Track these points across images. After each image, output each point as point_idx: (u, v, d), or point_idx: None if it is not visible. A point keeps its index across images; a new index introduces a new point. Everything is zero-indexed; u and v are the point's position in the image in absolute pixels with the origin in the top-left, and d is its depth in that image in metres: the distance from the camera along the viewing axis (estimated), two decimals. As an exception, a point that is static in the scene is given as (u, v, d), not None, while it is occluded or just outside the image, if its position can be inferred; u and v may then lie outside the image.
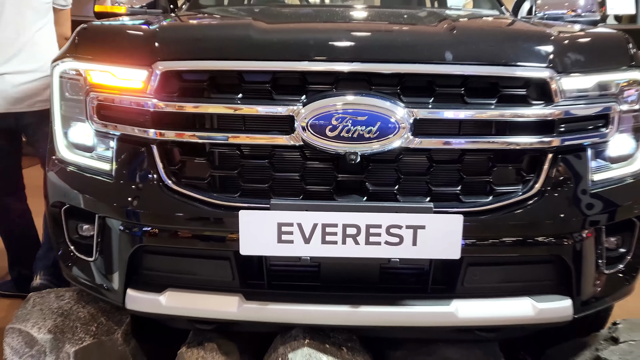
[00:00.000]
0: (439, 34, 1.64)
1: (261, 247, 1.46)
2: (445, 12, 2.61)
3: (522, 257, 1.59)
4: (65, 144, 1.73)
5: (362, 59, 1.50)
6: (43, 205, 1.86)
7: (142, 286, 1.63)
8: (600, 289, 1.67)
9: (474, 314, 1.56)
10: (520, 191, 1.54)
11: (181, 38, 1.68)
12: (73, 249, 1.75)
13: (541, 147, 1.52)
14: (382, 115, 1.44)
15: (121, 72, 1.58)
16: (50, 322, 1.75)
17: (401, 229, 1.44)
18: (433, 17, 2.15)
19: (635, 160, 1.71)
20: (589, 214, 1.58)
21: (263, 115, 1.49)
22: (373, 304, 1.57)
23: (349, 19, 2.05)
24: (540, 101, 1.52)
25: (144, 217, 1.56)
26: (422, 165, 1.53)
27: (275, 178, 1.53)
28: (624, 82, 1.65)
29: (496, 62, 1.52)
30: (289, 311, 1.58)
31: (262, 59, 1.51)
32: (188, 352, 1.75)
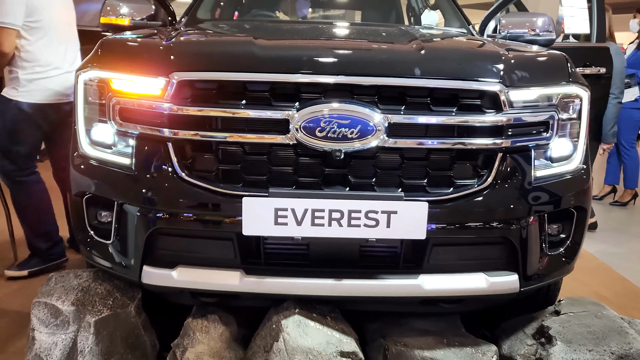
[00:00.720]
0: (410, 52, 1.95)
1: (260, 228, 1.75)
2: (417, 31, 2.93)
3: (477, 238, 1.90)
4: (87, 141, 1.99)
5: (346, 73, 1.79)
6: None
7: (156, 263, 1.89)
8: (543, 267, 1.99)
9: (437, 286, 1.86)
10: (475, 184, 1.85)
11: (194, 52, 1.96)
12: (92, 233, 2.01)
13: (492, 147, 1.84)
14: (362, 119, 1.74)
15: (141, 81, 1.85)
16: (72, 296, 2.00)
17: (377, 213, 1.74)
18: (405, 36, 2.46)
19: (573, 160, 2.04)
20: (532, 203, 1.90)
21: (263, 118, 1.78)
22: (354, 277, 1.86)
23: (335, 38, 2.35)
24: (492, 110, 1.84)
25: (161, 203, 1.83)
26: (395, 162, 1.83)
27: (273, 171, 1.81)
28: (563, 95, 1.98)
29: (456, 77, 1.84)
30: (282, 284, 1.87)
31: (262, 72, 1.80)
32: (193, 323, 2.02)
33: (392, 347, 1.97)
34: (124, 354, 2.02)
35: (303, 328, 1.87)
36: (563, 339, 1.94)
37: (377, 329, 2.12)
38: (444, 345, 1.98)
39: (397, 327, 2.11)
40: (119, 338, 2.01)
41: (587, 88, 2.04)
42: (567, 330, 1.99)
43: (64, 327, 1.95)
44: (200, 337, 1.99)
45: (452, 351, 1.95)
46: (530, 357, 2.00)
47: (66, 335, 1.94)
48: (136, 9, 3.02)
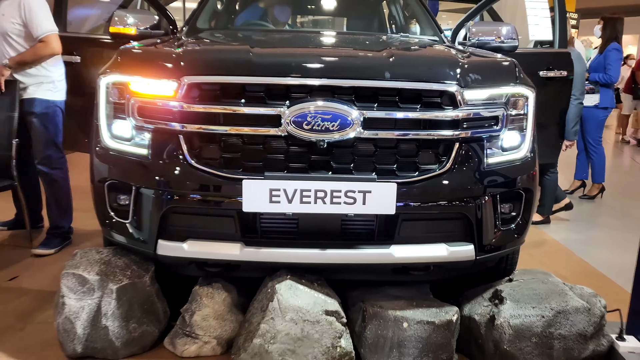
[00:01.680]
0: (381, 59, 2.30)
1: (258, 206, 2.10)
2: (393, 39, 3.30)
3: (439, 214, 2.25)
4: (109, 135, 2.33)
5: (328, 76, 2.14)
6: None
7: (169, 237, 2.23)
8: (496, 240, 2.35)
9: (406, 255, 2.22)
10: (437, 168, 2.20)
11: (201, 59, 2.30)
12: (113, 214, 2.35)
13: (450, 138, 2.20)
14: (341, 114, 2.09)
15: (156, 83, 2.20)
16: (96, 268, 2.34)
17: (355, 192, 2.09)
18: (380, 45, 2.81)
19: (521, 149, 2.40)
20: (485, 185, 2.26)
21: (259, 114, 2.13)
22: (336, 248, 2.22)
23: (319, 46, 2.69)
24: (450, 106, 2.20)
25: (173, 186, 2.17)
26: (370, 150, 2.18)
27: (267, 158, 2.16)
28: (511, 94, 2.35)
29: (420, 80, 2.20)
30: (276, 253, 2.22)
31: (258, 75, 2.15)
32: (200, 289, 2.37)
33: (369, 309, 2.32)
34: (141, 317, 2.36)
35: (294, 290, 2.22)
36: (512, 299, 2.31)
37: (357, 296, 2.47)
38: (413, 307, 2.33)
39: (374, 293, 2.45)
40: (136, 304, 2.35)
41: (533, 89, 2.42)
42: (517, 292, 2.36)
43: (89, 294, 2.28)
44: (206, 302, 2.34)
45: (420, 311, 2.31)
46: (486, 315, 2.36)
47: (92, 300, 2.28)
48: (141, 19, 3.37)
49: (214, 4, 3.79)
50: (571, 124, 4.39)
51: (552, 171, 4.52)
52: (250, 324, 2.26)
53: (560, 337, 2.21)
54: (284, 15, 4.06)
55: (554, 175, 4.54)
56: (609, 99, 5.43)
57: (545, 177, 4.49)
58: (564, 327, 2.22)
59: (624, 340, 2.35)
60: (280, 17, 4.00)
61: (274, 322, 2.15)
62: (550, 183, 4.55)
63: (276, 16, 4.01)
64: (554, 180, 4.56)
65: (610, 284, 3.45)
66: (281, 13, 4.06)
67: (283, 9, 4.11)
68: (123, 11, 3.41)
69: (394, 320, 2.27)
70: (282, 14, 4.07)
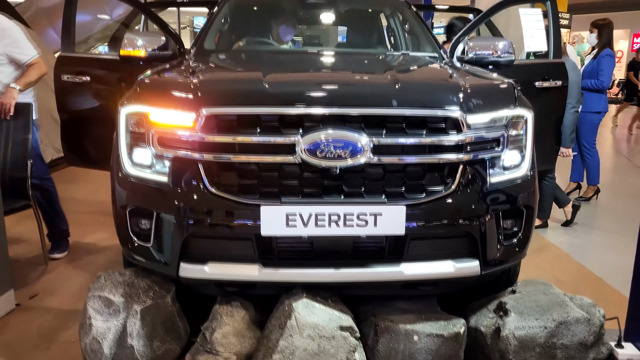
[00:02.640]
0: (388, 87, 2.41)
1: (275, 230, 2.22)
2: (394, 59, 3.41)
3: (446, 233, 2.38)
4: (130, 163, 2.44)
5: (338, 105, 2.26)
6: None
7: (190, 260, 2.34)
8: (499, 255, 2.47)
9: (415, 272, 2.34)
10: (442, 190, 2.33)
11: (217, 90, 2.39)
12: (135, 238, 2.46)
13: (455, 161, 2.32)
14: (352, 142, 2.21)
15: (176, 114, 2.31)
16: (121, 290, 2.46)
17: (366, 215, 2.21)
18: (383, 65, 2.90)
19: (521, 168, 2.53)
20: (488, 204, 2.39)
21: (274, 143, 2.25)
22: (349, 266, 2.34)
23: (327, 73, 2.77)
24: (454, 131, 2.32)
25: (195, 212, 2.28)
26: (379, 174, 2.30)
27: (283, 184, 2.28)
28: (511, 117, 2.48)
29: (425, 106, 2.32)
30: (292, 273, 2.34)
31: (273, 106, 2.27)
32: (220, 308, 2.49)
33: (381, 323, 2.44)
34: (164, 336, 2.48)
35: (310, 308, 2.35)
36: (516, 311, 2.44)
37: (369, 310, 2.59)
38: (422, 320, 2.46)
39: (385, 307, 2.58)
40: (159, 323, 2.47)
41: (531, 109, 2.55)
42: (520, 304, 2.49)
43: (115, 315, 2.40)
44: (226, 320, 2.46)
45: (429, 324, 2.44)
46: (491, 327, 2.49)
47: (118, 321, 2.40)
48: (149, 41, 3.48)
49: (219, 24, 3.90)
50: (568, 131, 4.53)
51: (550, 176, 4.66)
52: (269, 340, 2.38)
53: (563, 347, 2.34)
54: (286, 32, 4.18)
55: (552, 180, 4.68)
56: (602, 103, 5.57)
57: (544, 182, 4.63)
58: (565, 337, 2.35)
59: (622, 348, 2.48)
60: (283, 35, 4.12)
61: (292, 339, 2.27)
62: (548, 188, 4.69)
63: (279, 33, 4.13)
64: (551, 185, 4.70)
65: (607, 288, 3.59)
66: (284, 30, 4.18)
67: (286, 26, 4.23)
68: (132, 34, 3.52)
69: (405, 333, 2.39)
70: (285, 30, 4.19)
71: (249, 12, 4.30)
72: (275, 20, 4.15)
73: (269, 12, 4.21)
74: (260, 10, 4.29)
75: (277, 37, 4.09)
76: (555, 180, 4.74)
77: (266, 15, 4.19)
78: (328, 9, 4.44)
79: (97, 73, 3.94)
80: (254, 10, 4.31)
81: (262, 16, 4.21)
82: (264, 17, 4.18)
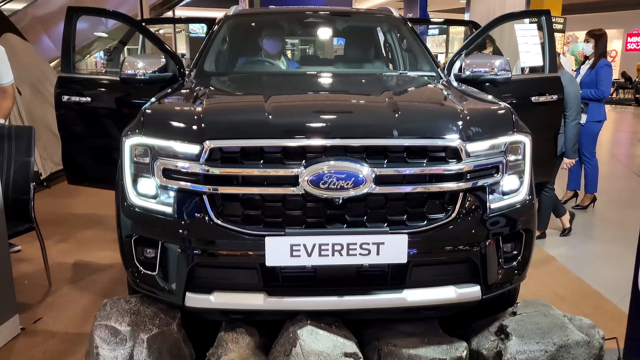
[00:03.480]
0: (389, 116, 2.43)
1: (280, 260, 2.25)
2: (392, 80, 3.45)
3: (447, 259, 2.42)
4: (134, 193, 2.47)
5: (340, 136, 2.30)
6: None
7: (196, 290, 2.37)
8: (500, 278, 2.51)
9: (417, 298, 2.38)
10: (443, 217, 2.37)
11: (220, 122, 2.42)
12: (140, 267, 2.49)
13: (456, 189, 2.36)
14: (355, 173, 2.24)
15: (180, 147, 2.34)
16: (127, 319, 2.49)
17: (369, 245, 2.25)
18: (381, 90, 2.89)
19: (520, 192, 2.57)
20: (489, 230, 2.43)
21: (278, 175, 2.28)
22: (352, 294, 2.37)
23: (329, 104, 2.76)
24: (454, 159, 2.36)
25: (199, 243, 2.32)
26: (381, 203, 2.34)
27: (287, 214, 2.32)
28: (509, 143, 2.52)
29: (425, 136, 2.36)
30: (296, 302, 2.37)
31: (276, 138, 2.30)
32: (225, 335, 2.52)
33: (384, 348, 2.48)
34: (170, 362, 2.51)
35: (315, 335, 2.38)
36: (517, 335, 2.48)
37: (372, 333, 2.63)
38: (425, 344, 2.50)
39: (388, 330, 2.62)
40: (165, 350, 2.50)
41: (529, 134, 2.59)
42: (521, 327, 2.53)
43: (122, 344, 2.43)
44: (232, 347, 2.49)
45: (432, 348, 2.47)
46: (493, 350, 2.53)
47: (124, 350, 2.43)
48: (149, 62, 3.52)
49: (218, 45, 3.93)
50: (570, 143, 4.58)
51: (550, 188, 4.71)
52: (274, 367, 2.41)
53: (563, 370, 2.39)
54: (285, 51, 4.22)
55: (551, 192, 4.73)
56: (602, 113, 5.64)
57: (543, 194, 4.69)
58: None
59: (621, 368, 2.53)
60: (281, 54, 4.16)
61: (298, 367, 2.31)
62: (547, 200, 4.74)
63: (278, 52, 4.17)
64: (551, 197, 4.75)
65: (605, 302, 3.64)
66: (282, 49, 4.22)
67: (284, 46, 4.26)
68: (132, 57, 3.55)
69: (408, 358, 2.43)
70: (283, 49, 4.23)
71: (248, 31, 4.34)
72: (273, 39, 4.18)
73: (268, 32, 4.25)
74: (258, 29, 4.32)
75: (275, 57, 4.12)
76: (554, 192, 4.79)
77: (265, 34, 4.22)
78: (326, 27, 4.48)
79: (97, 93, 3.98)
80: (253, 30, 4.34)
81: (260, 36, 4.24)
82: (263, 37, 4.21)
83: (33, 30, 10.67)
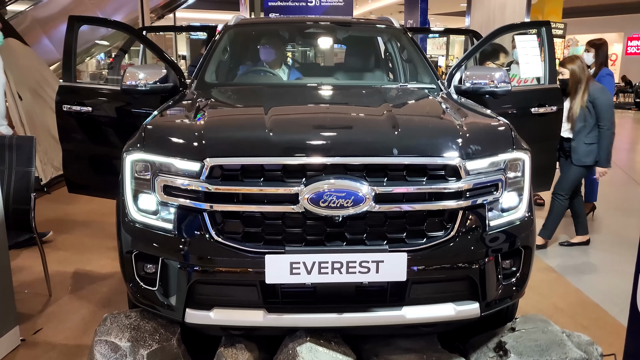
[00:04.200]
0: (389, 134, 2.44)
1: (280, 277, 2.26)
2: (392, 92, 3.45)
3: (446, 277, 2.42)
4: (135, 209, 2.48)
5: (340, 155, 2.31)
6: None
7: (196, 306, 2.38)
8: (499, 295, 2.52)
9: (417, 315, 2.38)
10: (443, 235, 2.38)
11: (221, 140, 2.43)
12: (141, 282, 2.50)
13: (455, 207, 2.37)
14: (354, 192, 2.25)
15: (181, 163, 2.35)
16: (127, 334, 2.50)
17: (369, 263, 2.26)
18: (381, 105, 2.87)
19: (519, 209, 2.58)
20: (488, 247, 2.44)
21: (278, 193, 2.29)
22: (351, 311, 2.38)
23: (330, 120, 2.76)
24: (453, 177, 2.37)
25: (199, 259, 2.33)
26: (381, 221, 2.35)
27: (287, 232, 2.33)
28: (509, 160, 2.53)
29: (425, 155, 2.37)
30: (296, 318, 2.38)
31: (276, 156, 2.31)
32: (225, 351, 2.53)
33: (383, 363, 2.50)
34: (170, 378, 2.52)
35: (314, 352, 2.39)
36: (516, 352, 2.49)
37: (370, 349, 2.64)
38: (423, 360, 2.52)
39: (386, 346, 2.63)
40: (165, 366, 2.51)
41: (528, 151, 2.60)
42: (519, 344, 2.54)
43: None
44: (231, 362, 2.50)
45: (430, 364, 2.49)
46: (491, 366, 2.54)
47: (124, 365, 2.44)
48: (150, 73, 3.53)
49: (219, 55, 3.94)
50: (605, 152, 4.59)
51: (565, 197, 4.72)
52: (274, 383, 2.42)
53: (561, 388, 2.39)
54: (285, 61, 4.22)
55: (565, 202, 4.75)
56: None
57: (556, 199, 4.71)
58: (564, 378, 2.40)
59: (619, 385, 2.54)
60: (282, 65, 4.16)
61: (297, 384, 2.31)
62: (559, 208, 4.76)
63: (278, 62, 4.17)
64: (563, 206, 4.76)
65: (604, 314, 3.64)
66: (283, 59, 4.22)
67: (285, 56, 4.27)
68: (134, 68, 3.56)
69: (407, 374, 2.44)
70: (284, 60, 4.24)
71: (249, 41, 4.35)
72: (274, 49, 4.19)
73: (269, 42, 4.26)
74: (259, 39, 4.33)
75: (276, 67, 4.13)
76: (567, 202, 4.79)
77: (265, 44, 4.23)
78: (326, 37, 4.49)
79: (98, 103, 3.99)
80: (254, 40, 4.35)
81: (261, 46, 4.25)
82: (264, 47, 4.23)
83: (33, 32, 10.71)
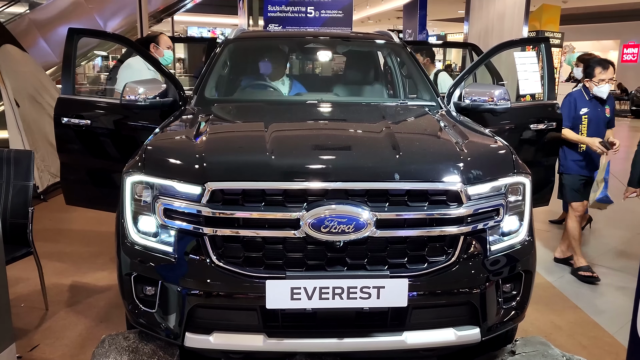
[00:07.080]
0: (390, 159, 2.43)
1: (280, 303, 2.25)
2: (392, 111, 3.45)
3: (447, 302, 2.42)
4: (135, 231, 2.47)
5: (341, 180, 2.30)
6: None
7: (196, 330, 2.36)
8: (499, 319, 2.51)
9: (417, 340, 2.37)
10: (444, 260, 2.37)
11: (222, 163, 2.42)
12: (140, 305, 2.48)
13: (456, 232, 2.37)
14: (356, 217, 2.24)
15: (181, 187, 2.34)
16: (125, 357, 2.48)
17: (369, 288, 2.25)
18: (381, 125, 2.88)
19: (520, 233, 2.58)
20: (489, 272, 2.43)
21: (279, 218, 2.28)
22: (352, 336, 2.37)
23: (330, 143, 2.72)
24: (455, 203, 2.37)
25: (200, 284, 2.32)
26: (382, 246, 2.34)
27: (288, 257, 2.32)
28: (510, 184, 2.53)
29: (426, 180, 2.37)
30: (297, 343, 2.37)
31: (277, 181, 2.30)
32: (224, 374, 2.52)
33: (382, 387, 2.49)
34: (168, 401, 2.51)
35: (313, 377, 2.38)
36: (516, 376, 2.49)
37: (370, 371, 2.63)
38: (423, 383, 2.51)
39: (386, 369, 2.63)
40: (163, 388, 2.50)
41: (529, 175, 2.60)
42: (519, 368, 2.54)
43: (120, 383, 2.43)
44: (230, 386, 2.49)
45: (430, 389, 2.48)
46: (491, 391, 2.54)
47: (122, 389, 2.42)
48: (150, 88, 3.53)
49: (219, 69, 3.93)
50: (637, 171, 4.46)
51: None
52: (273, 407, 2.41)
53: (561, 414, 2.39)
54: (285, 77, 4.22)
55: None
56: None
57: None
58: (563, 404, 2.40)
59: (618, 410, 2.54)
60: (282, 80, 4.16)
61: (296, 409, 2.30)
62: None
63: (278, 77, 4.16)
64: None
65: (602, 333, 3.64)
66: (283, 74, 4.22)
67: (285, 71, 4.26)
68: (133, 83, 3.55)
69: (406, 398, 2.43)
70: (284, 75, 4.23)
71: (249, 55, 4.34)
72: (274, 63, 4.19)
73: (269, 56, 4.25)
74: (259, 53, 4.32)
75: (276, 80, 4.12)
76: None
77: (265, 58, 4.22)
78: (326, 51, 4.49)
79: (97, 116, 3.97)
80: (254, 54, 4.35)
81: (261, 60, 4.24)
82: (264, 61, 4.22)
83: (30, 35, 10.68)
